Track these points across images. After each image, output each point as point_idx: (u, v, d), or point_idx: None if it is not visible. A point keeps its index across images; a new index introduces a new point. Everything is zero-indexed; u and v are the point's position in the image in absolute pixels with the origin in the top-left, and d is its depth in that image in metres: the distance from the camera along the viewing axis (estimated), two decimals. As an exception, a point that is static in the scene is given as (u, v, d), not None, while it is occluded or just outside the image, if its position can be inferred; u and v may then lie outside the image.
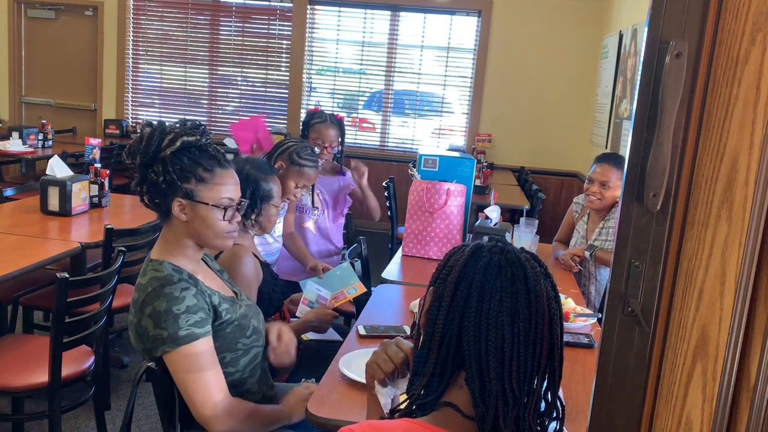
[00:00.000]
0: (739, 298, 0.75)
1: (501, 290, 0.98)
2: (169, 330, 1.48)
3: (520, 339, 0.97)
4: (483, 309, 0.97)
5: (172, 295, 1.50)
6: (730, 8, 0.73)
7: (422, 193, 2.85)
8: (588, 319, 2.17)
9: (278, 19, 6.71)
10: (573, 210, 3.22)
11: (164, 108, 7.04)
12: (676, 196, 0.78)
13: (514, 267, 0.99)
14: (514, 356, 0.97)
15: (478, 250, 1.02)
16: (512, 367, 0.96)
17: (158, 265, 1.57)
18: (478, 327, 0.97)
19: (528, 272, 0.99)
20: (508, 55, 6.40)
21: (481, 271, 0.99)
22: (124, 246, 2.61)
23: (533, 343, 0.98)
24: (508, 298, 0.97)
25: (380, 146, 6.79)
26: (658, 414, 0.82)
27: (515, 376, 0.97)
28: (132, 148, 1.57)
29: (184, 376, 1.50)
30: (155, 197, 1.58)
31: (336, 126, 3.07)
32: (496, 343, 0.96)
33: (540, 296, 0.99)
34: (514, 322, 0.97)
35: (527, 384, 0.98)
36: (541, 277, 1.00)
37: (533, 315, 0.98)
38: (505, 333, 0.96)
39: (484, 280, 0.98)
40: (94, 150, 3.93)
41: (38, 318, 3.52)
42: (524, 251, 1.04)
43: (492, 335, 0.96)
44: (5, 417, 2.62)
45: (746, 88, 0.73)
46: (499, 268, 0.99)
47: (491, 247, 1.02)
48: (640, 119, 0.78)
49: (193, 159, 1.57)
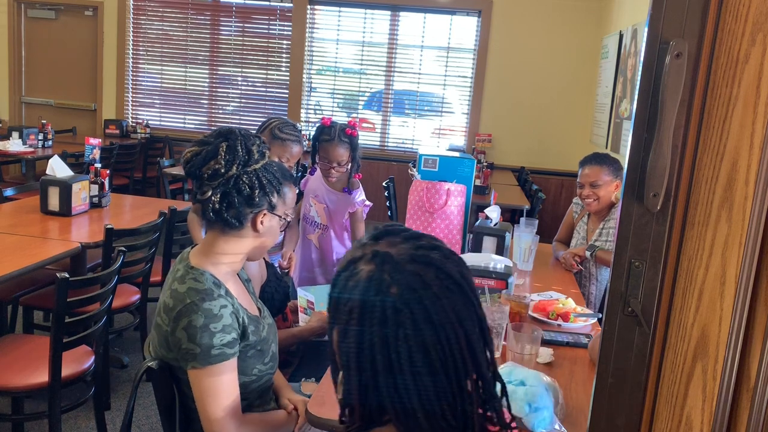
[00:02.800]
0: (739, 298, 0.75)
1: (406, 340, 0.83)
2: (203, 347, 1.45)
3: (437, 367, 0.84)
4: (392, 354, 0.84)
5: (211, 312, 1.46)
6: (730, 8, 0.73)
7: (422, 193, 2.84)
8: (588, 319, 2.17)
9: (278, 19, 6.71)
10: (573, 211, 3.22)
11: (164, 108, 7.04)
12: (676, 196, 0.78)
13: (411, 305, 0.84)
14: (442, 394, 0.84)
15: (365, 296, 0.86)
16: (438, 405, 0.85)
17: (199, 275, 1.52)
18: (389, 369, 0.84)
19: (426, 302, 0.84)
20: (508, 55, 6.40)
21: (377, 326, 0.84)
22: (124, 246, 2.61)
23: (454, 368, 0.85)
24: (414, 339, 0.83)
25: (380, 146, 6.79)
26: (658, 414, 0.82)
27: (444, 405, 0.86)
28: (222, 158, 1.49)
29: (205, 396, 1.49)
30: (239, 207, 1.52)
31: (346, 143, 2.73)
32: (412, 383, 0.84)
33: (446, 322, 0.85)
34: (430, 359, 0.84)
35: (460, 400, 0.87)
36: (442, 297, 0.85)
37: (446, 345, 0.84)
38: (422, 373, 0.84)
39: (383, 335, 0.84)
40: (94, 150, 3.94)
41: (38, 318, 3.52)
42: (413, 261, 0.87)
43: (403, 378, 0.84)
44: (5, 417, 2.62)
45: (746, 88, 0.73)
46: (396, 314, 0.84)
47: (378, 283, 0.86)
48: (640, 119, 0.78)
49: (274, 173, 1.58)
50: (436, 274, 0.86)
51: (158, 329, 1.54)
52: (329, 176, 2.80)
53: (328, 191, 2.89)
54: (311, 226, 2.92)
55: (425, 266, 0.86)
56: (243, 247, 1.59)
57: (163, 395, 1.59)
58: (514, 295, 2.05)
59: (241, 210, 1.53)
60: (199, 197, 1.52)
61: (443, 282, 0.86)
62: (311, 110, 6.88)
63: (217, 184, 1.50)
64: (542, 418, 1.42)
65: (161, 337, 1.53)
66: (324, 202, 2.90)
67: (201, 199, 1.52)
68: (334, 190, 2.89)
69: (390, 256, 0.87)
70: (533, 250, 2.73)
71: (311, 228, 2.92)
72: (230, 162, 1.50)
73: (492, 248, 2.60)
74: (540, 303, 2.25)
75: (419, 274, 0.85)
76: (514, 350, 1.73)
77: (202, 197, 1.51)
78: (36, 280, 3.03)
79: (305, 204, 2.96)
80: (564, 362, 1.86)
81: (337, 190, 2.89)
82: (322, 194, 2.90)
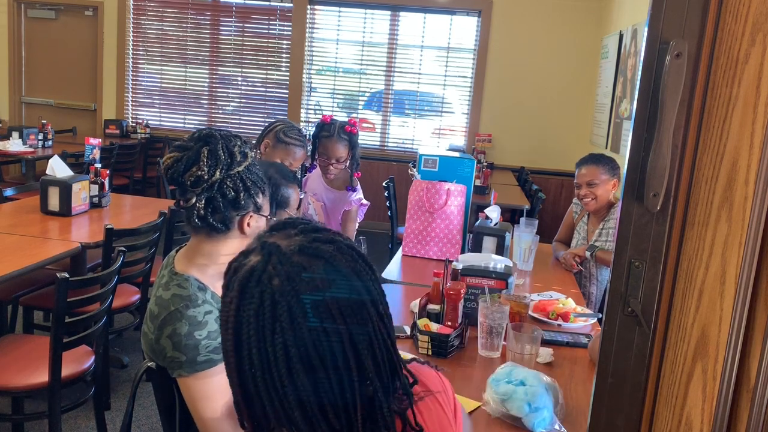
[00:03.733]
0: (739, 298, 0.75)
1: (282, 336, 0.79)
2: (188, 356, 1.44)
3: (322, 380, 0.80)
4: (271, 362, 0.80)
5: (195, 320, 1.45)
6: (730, 8, 0.73)
7: (422, 193, 2.84)
8: (588, 319, 2.17)
9: (278, 19, 6.71)
10: (573, 211, 3.22)
11: (164, 108, 7.04)
12: (676, 196, 0.78)
13: (289, 298, 0.80)
14: (325, 403, 0.80)
15: (246, 285, 0.82)
16: None
17: (183, 281, 1.50)
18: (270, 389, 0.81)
19: (304, 297, 0.80)
20: (508, 55, 6.40)
21: (253, 316, 0.80)
22: (124, 246, 2.61)
23: (334, 369, 0.80)
24: (291, 333, 0.79)
25: (380, 146, 6.79)
26: (658, 414, 0.82)
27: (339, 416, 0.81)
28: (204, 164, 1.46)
29: (196, 400, 1.48)
30: (224, 211, 1.50)
31: (345, 140, 2.73)
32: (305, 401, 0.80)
33: (327, 320, 0.80)
34: (312, 365, 0.79)
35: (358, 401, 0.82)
36: (325, 290, 0.81)
37: (326, 348, 0.80)
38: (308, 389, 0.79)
39: (259, 327, 0.80)
40: (94, 150, 3.93)
41: (38, 318, 3.52)
42: (301, 251, 0.83)
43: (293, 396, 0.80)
44: (5, 417, 2.62)
45: (746, 88, 0.73)
46: (273, 306, 0.80)
47: (260, 273, 0.82)
48: (640, 119, 0.78)
49: (257, 173, 1.56)
50: (324, 267, 0.82)
51: (145, 337, 1.53)
52: (328, 173, 2.80)
53: (327, 189, 2.90)
54: None
55: (313, 258, 0.82)
56: (229, 249, 1.57)
57: (163, 395, 1.59)
58: (514, 295, 2.05)
59: (227, 214, 1.51)
60: (183, 204, 1.49)
61: (329, 276, 0.81)
62: (311, 110, 6.88)
63: (201, 190, 1.47)
64: (542, 418, 1.42)
65: (148, 345, 1.52)
66: (322, 201, 2.91)
67: (185, 206, 1.49)
68: (333, 188, 2.89)
69: (278, 248, 0.83)
70: (533, 250, 2.73)
71: None
72: (213, 167, 1.46)
73: (492, 248, 2.60)
74: (540, 303, 2.25)
75: (304, 266, 0.81)
76: (514, 350, 1.73)
77: (186, 204, 1.48)
78: (36, 280, 3.03)
79: (304, 203, 2.97)
80: (564, 362, 1.86)
81: (335, 188, 2.90)
82: (321, 192, 2.91)
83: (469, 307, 2.01)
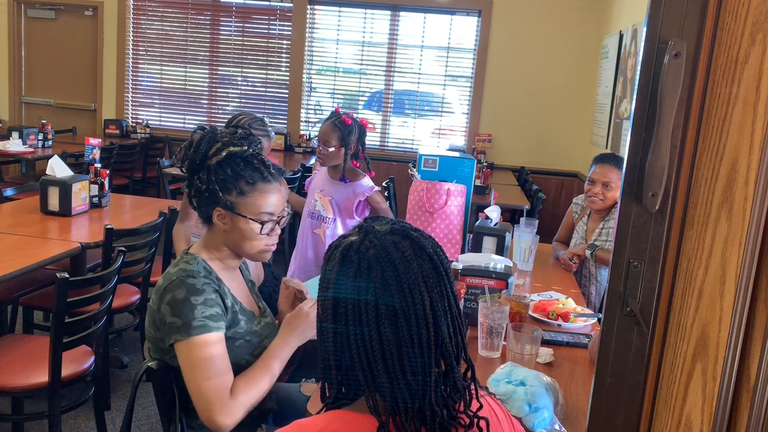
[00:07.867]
0: (739, 298, 0.75)
1: (375, 295, 0.94)
2: (184, 319, 1.48)
3: (405, 336, 0.93)
4: (363, 317, 0.94)
5: (193, 287, 1.51)
6: (729, 8, 0.73)
7: (422, 193, 2.84)
8: (588, 319, 2.17)
9: (278, 19, 6.71)
10: (573, 210, 3.22)
11: (164, 108, 7.04)
12: (675, 196, 0.78)
13: (383, 264, 0.95)
14: (405, 356, 0.93)
15: (347, 254, 0.98)
16: (405, 365, 0.93)
17: (191, 259, 1.60)
18: (361, 336, 0.94)
19: (397, 263, 0.94)
20: (508, 55, 6.40)
21: (351, 278, 0.95)
22: (124, 246, 2.61)
23: (417, 335, 0.93)
24: (384, 300, 0.93)
25: (380, 146, 6.79)
26: (658, 414, 0.82)
27: (410, 371, 0.93)
28: (182, 152, 1.60)
29: (192, 366, 1.48)
30: (199, 203, 1.62)
31: (335, 126, 2.86)
32: (384, 347, 0.93)
33: (414, 285, 0.94)
34: (397, 322, 0.93)
35: (427, 368, 0.94)
36: (413, 261, 0.95)
37: (411, 308, 0.93)
38: (390, 337, 0.93)
39: (357, 286, 0.95)
40: (94, 150, 3.93)
41: (38, 318, 3.52)
42: (393, 233, 0.98)
43: (377, 344, 0.93)
44: (5, 417, 2.62)
45: (746, 88, 0.73)
46: (369, 270, 0.95)
47: (359, 246, 0.98)
48: (638, 119, 0.78)
49: (236, 171, 1.58)
50: (411, 244, 0.97)
51: (149, 310, 1.59)
52: (318, 156, 2.96)
53: (331, 182, 2.99)
54: (317, 221, 3.00)
55: (403, 237, 0.98)
56: (218, 241, 1.64)
57: (163, 395, 1.59)
58: (514, 295, 2.05)
59: (202, 206, 1.62)
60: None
61: (416, 252, 0.97)
62: (311, 110, 6.88)
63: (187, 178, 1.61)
64: (542, 418, 1.42)
65: (150, 318, 1.58)
66: (329, 195, 2.98)
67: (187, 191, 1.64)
68: (335, 180, 3.00)
69: (373, 227, 1.00)
70: (533, 250, 2.73)
71: (317, 222, 3.00)
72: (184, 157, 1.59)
73: (492, 248, 2.60)
74: (540, 303, 2.24)
75: (395, 242, 0.97)
76: (514, 350, 1.73)
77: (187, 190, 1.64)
78: (36, 280, 3.03)
79: (309, 201, 3.04)
80: (564, 362, 1.85)
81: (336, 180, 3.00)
82: (327, 187, 2.99)
83: (469, 307, 2.01)
